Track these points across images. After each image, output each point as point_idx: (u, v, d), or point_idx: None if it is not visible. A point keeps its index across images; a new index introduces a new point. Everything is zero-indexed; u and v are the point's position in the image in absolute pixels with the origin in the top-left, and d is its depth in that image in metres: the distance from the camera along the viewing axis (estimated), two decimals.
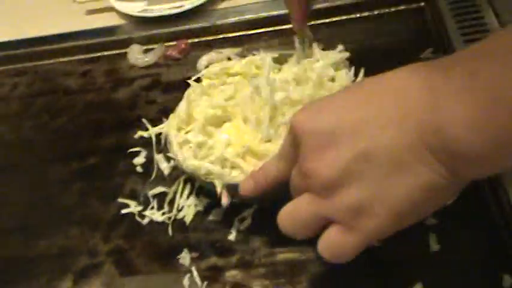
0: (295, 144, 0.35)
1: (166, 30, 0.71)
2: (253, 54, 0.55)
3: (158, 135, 0.57)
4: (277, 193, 0.38)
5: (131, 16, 0.75)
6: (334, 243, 0.34)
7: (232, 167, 0.46)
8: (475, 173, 0.31)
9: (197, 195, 0.51)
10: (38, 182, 0.59)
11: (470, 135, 0.28)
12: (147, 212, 0.52)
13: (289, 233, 0.36)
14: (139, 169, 0.56)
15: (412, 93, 0.31)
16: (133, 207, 0.53)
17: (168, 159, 0.55)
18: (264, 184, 0.41)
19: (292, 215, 0.36)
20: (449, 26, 0.59)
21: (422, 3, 0.65)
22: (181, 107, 0.51)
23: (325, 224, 0.34)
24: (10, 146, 0.65)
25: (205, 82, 0.54)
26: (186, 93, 0.53)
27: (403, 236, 0.43)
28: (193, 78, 0.54)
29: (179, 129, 0.51)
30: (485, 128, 0.28)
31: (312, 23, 0.67)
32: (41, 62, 0.74)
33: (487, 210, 0.45)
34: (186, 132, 0.50)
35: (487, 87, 0.28)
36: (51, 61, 0.74)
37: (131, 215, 0.52)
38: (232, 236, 0.48)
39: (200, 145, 0.47)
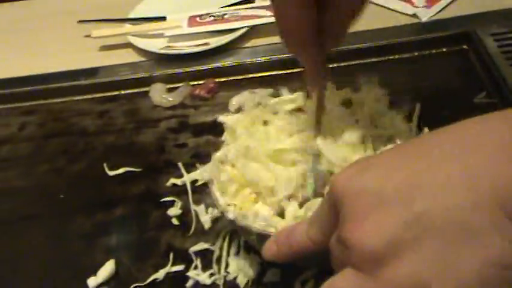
0: (334, 209, 0.29)
1: (191, 68, 0.67)
2: None
3: (193, 182, 0.52)
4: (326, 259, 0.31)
5: (151, 53, 0.70)
6: None
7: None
8: None
9: (247, 252, 0.45)
10: (57, 238, 0.51)
11: None
12: (191, 273, 0.45)
13: None
14: (175, 221, 0.50)
15: (481, 146, 0.26)
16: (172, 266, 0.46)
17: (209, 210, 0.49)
18: (288, 252, 0.34)
19: None
20: (502, 68, 0.57)
21: (465, 46, 0.62)
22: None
23: None
24: (21, 193, 0.57)
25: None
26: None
27: None
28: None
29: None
30: None
31: (346, 63, 0.64)
32: (52, 100, 0.67)
33: None
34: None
35: None
36: (65, 99, 0.67)
37: (172, 275, 0.46)
38: None
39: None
